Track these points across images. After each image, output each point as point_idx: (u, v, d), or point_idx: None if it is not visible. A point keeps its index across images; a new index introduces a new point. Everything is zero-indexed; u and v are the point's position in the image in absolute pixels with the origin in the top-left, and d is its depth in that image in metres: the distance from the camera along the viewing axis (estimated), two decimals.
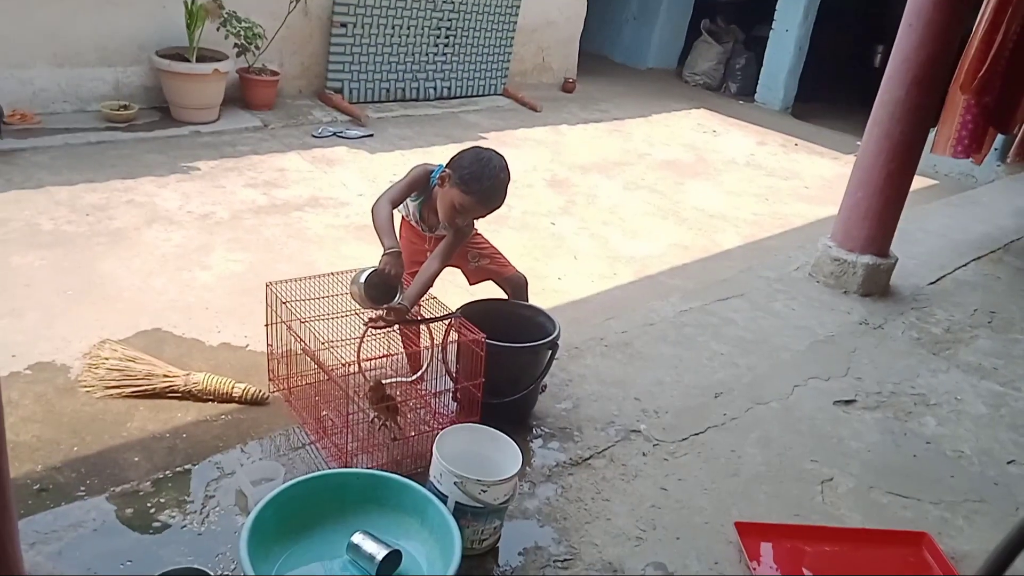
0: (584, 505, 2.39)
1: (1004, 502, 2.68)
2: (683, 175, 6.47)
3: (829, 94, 9.73)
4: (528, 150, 6.47)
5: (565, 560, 2.17)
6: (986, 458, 2.92)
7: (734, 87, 9.80)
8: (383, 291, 2.43)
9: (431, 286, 2.61)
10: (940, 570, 2.29)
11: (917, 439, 2.98)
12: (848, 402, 3.15)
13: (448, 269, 2.78)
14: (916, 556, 2.36)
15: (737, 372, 3.26)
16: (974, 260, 4.86)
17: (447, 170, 2.54)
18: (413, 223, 2.80)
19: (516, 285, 2.94)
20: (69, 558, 1.96)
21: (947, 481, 2.76)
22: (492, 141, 6.52)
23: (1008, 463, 2.91)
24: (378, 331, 2.52)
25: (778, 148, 7.75)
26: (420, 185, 2.66)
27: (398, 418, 2.47)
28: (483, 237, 2.92)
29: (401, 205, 2.73)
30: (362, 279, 2.40)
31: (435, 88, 7.33)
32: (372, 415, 2.43)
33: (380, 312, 2.45)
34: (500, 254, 2.94)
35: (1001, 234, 5.38)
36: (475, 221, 2.68)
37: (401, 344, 2.67)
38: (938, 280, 4.49)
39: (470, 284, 3.00)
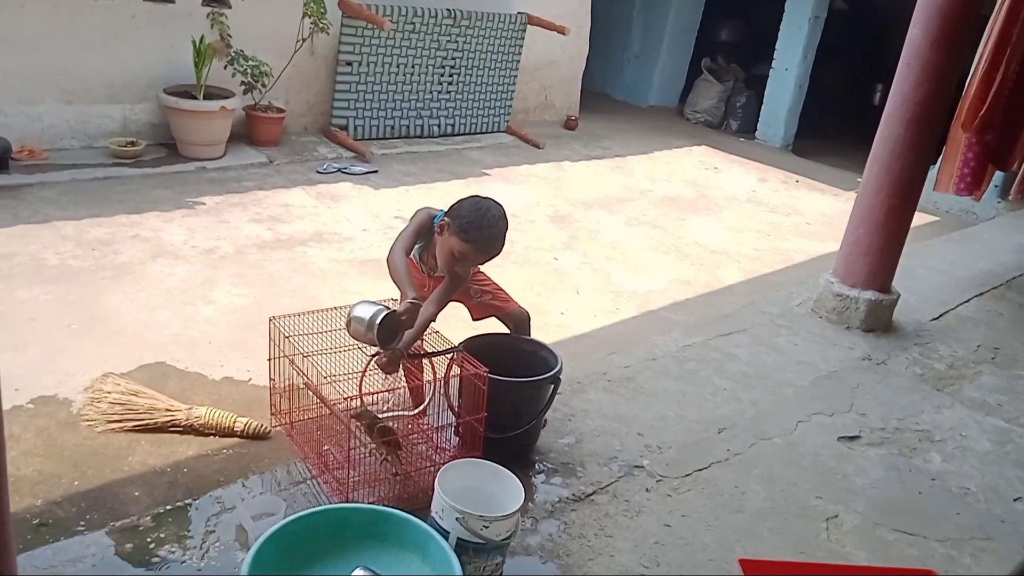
0: (587, 541, 2.37)
1: (1011, 540, 2.66)
2: (685, 211, 6.50)
3: (829, 131, 9.81)
4: (531, 186, 6.51)
5: None
6: (992, 495, 2.90)
7: (735, 124, 9.88)
8: (388, 332, 2.42)
9: (425, 330, 2.62)
10: None
11: (922, 476, 2.96)
12: (852, 438, 3.14)
13: (452, 304, 2.80)
14: None
15: (740, 407, 3.25)
16: (976, 296, 4.86)
17: (446, 218, 2.55)
18: (415, 262, 2.81)
19: (518, 320, 2.95)
20: None
21: (953, 518, 2.74)
22: (495, 177, 6.57)
23: (1015, 500, 2.88)
24: (388, 372, 2.54)
25: (779, 184, 7.79)
26: (425, 230, 2.66)
27: (399, 452, 2.46)
28: (484, 274, 2.93)
29: None
30: (377, 320, 2.37)
31: (439, 125, 7.40)
32: (371, 447, 2.42)
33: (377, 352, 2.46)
34: (502, 290, 2.95)
35: (1003, 270, 5.39)
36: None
37: (404, 378, 2.67)
38: (941, 316, 4.49)
39: (473, 320, 3.00)
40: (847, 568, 2.41)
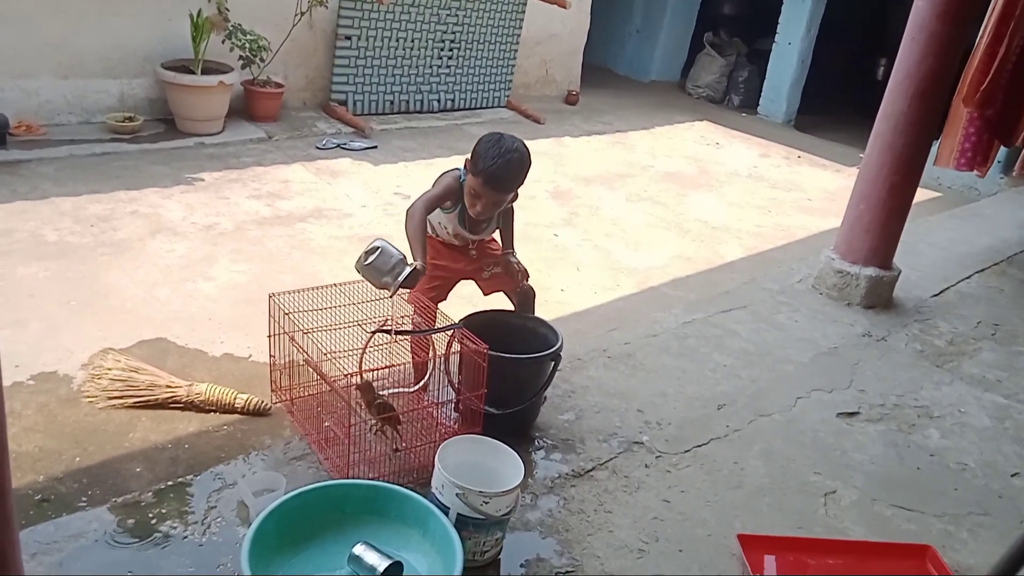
0: (586, 517, 2.38)
1: (1008, 515, 2.67)
2: (686, 187, 6.47)
3: (832, 107, 9.75)
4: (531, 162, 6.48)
5: (567, 572, 2.16)
6: (990, 471, 2.91)
7: (737, 100, 9.82)
8: (406, 284, 2.42)
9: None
10: None
11: (921, 451, 2.97)
12: (851, 414, 3.14)
13: (463, 283, 2.85)
14: (920, 569, 2.34)
15: (740, 384, 3.25)
16: (977, 272, 4.86)
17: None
18: (452, 236, 2.78)
19: (525, 296, 2.95)
20: (70, 569, 1.95)
21: (951, 494, 2.75)
22: None
23: (1012, 476, 2.90)
24: (392, 337, 2.52)
25: (781, 160, 7.76)
26: (454, 192, 2.65)
27: (399, 428, 2.46)
28: (499, 244, 2.93)
29: (437, 224, 2.73)
30: (402, 275, 2.37)
31: (439, 100, 7.36)
32: (372, 424, 2.43)
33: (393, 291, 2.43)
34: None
35: (1004, 246, 5.38)
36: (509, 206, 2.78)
37: (410, 353, 2.67)
38: (941, 292, 4.49)
39: (484, 295, 3.00)
40: (845, 543, 2.42)
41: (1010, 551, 0.82)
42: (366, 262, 2.39)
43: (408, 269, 2.39)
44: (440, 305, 2.70)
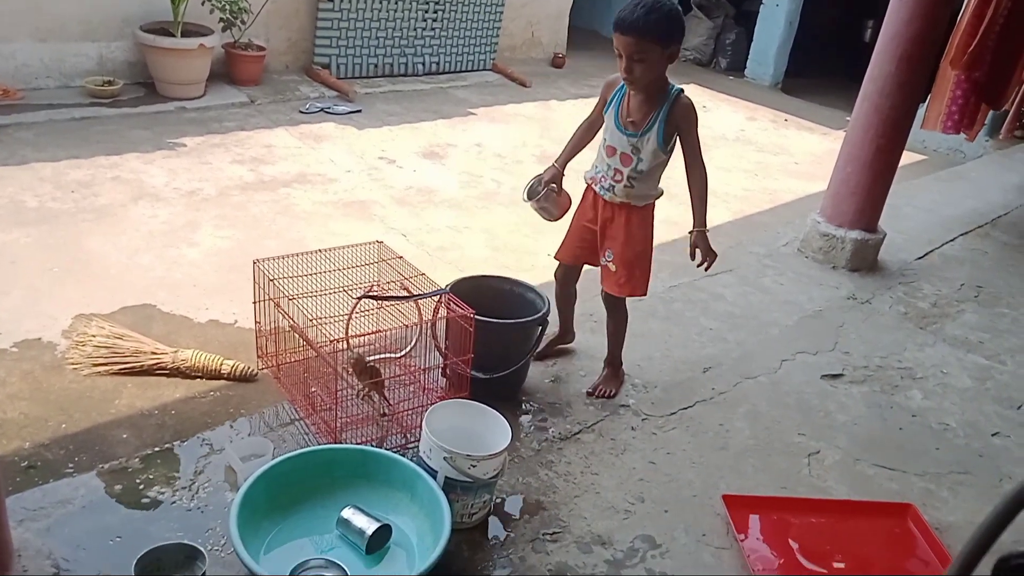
0: (573, 479, 2.40)
1: (988, 474, 2.71)
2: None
3: (819, 69, 9.69)
4: (517, 126, 6.43)
5: (554, 533, 2.18)
6: (971, 430, 2.95)
7: (724, 62, 9.75)
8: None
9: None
10: (925, 541, 2.32)
11: (903, 412, 3.01)
12: (835, 376, 3.17)
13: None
14: (901, 527, 2.39)
15: (726, 347, 3.27)
16: (961, 235, 4.88)
17: None
18: (608, 144, 2.71)
19: (613, 307, 2.84)
20: (58, 534, 1.96)
21: (932, 453, 2.79)
22: (481, 117, 6.48)
23: (993, 435, 2.94)
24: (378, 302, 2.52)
25: (768, 123, 7.73)
26: (607, 90, 2.72)
27: (384, 393, 2.47)
28: (618, 237, 2.70)
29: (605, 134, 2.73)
30: (534, 197, 2.78)
31: (423, 63, 7.26)
32: (359, 389, 2.43)
33: None
34: (630, 267, 2.72)
35: (989, 209, 5.40)
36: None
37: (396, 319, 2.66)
38: (926, 255, 4.51)
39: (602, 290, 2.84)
40: (828, 502, 2.46)
41: (994, 512, 0.83)
42: (524, 198, 2.77)
43: (531, 183, 2.78)
44: (427, 271, 2.69)
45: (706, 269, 2.67)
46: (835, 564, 2.22)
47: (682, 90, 2.59)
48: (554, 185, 2.77)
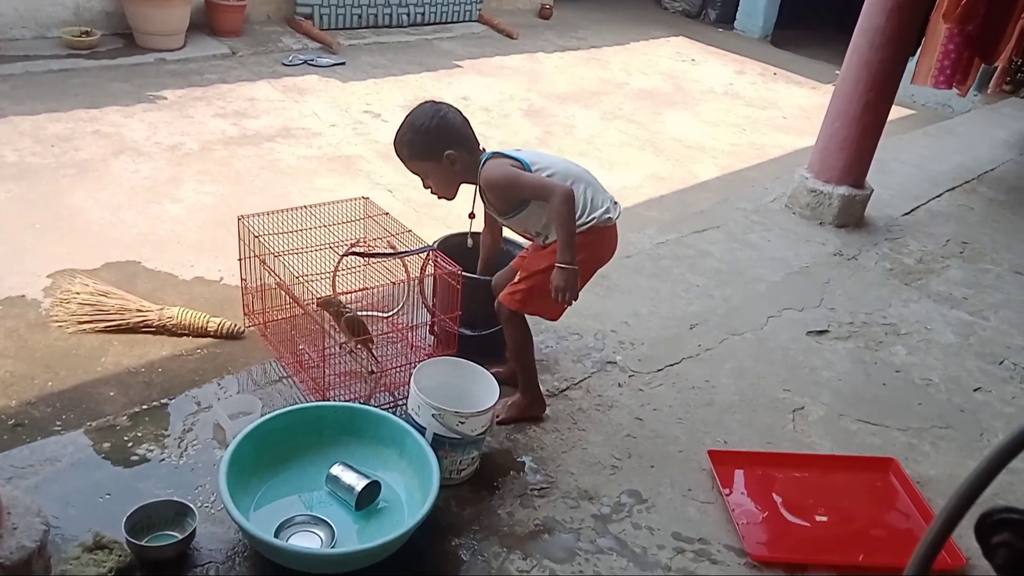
0: (560, 435, 2.42)
1: (969, 428, 2.76)
2: (661, 105, 6.40)
3: (809, 22, 9.60)
4: (504, 79, 6.35)
5: (542, 488, 2.21)
6: (953, 386, 2.99)
7: (713, 14, 9.63)
8: None
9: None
10: (906, 494, 2.36)
11: (887, 368, 3.04)
12: (821, 332, 3.19)
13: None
14: (883, 481, 2.43)
15: (712, 304, 3.28)
16: (948, 191, 4.89)
17: None
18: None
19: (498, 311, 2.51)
20: (47, 492, 1.96)
21: (915, 408, 2.83)
22: (467, 69, 6.39)
23: (975, 391, 2.98)
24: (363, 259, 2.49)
25: (757, 77, 7.67)
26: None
27: (371, 345, 2.46)
28: (527, 262, 2.42)
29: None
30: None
31: (408, 14, 7.13)
32: (342, 340, 2.41)
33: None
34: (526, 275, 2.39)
35: (976, 164, 5.41)
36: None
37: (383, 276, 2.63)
38: (912, 211, 4.52)
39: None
40: (812, 457, 2.49)
41: (978, 467, 0.84)
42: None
43: None
44: (414, 227, 2.67)
45: (562, 303, 2.26)
46: (818, 517, 2.26)
47: (488, 159, 2.29)
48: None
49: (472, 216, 2.48)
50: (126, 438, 2.18)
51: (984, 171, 5.30)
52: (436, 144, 2.26)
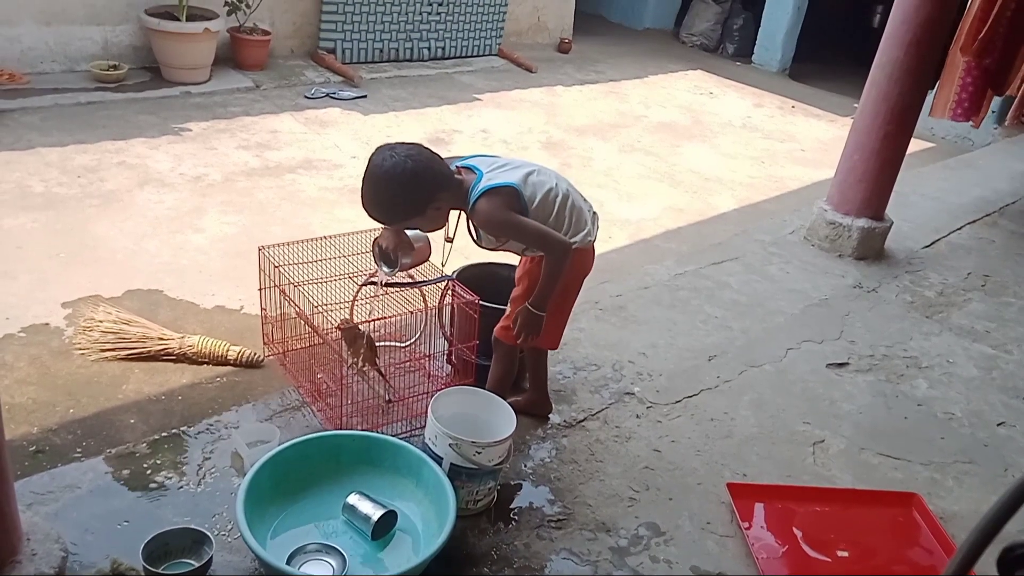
0: (578, 466, 2.41)
1: (993, 463, 2.71)
2: (679, 137, 6.42)
3: (827, 55, 9.63)
4: (523, 112, 6.41)
5: (559, 520, 2.19)
6: (976, 420, 2.95)
7: (731, 48, 9.68)
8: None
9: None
10: (929, 530, 2.32)
11: (908, 401, 3.00)
12: (841, 365, 3.17)
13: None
14: (906, 516, 2.39)
15: (731, 335, 3.27)
16: (969, 224, 4.86)
17: None
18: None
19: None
20: (66, 518, 1.97)
21: (937, 442, 2.79)
22: (487, 103, 6.45)
23: (998, 425, 2.94)
24: (376, 292, 2.50)
25: (775, 110, 7.69)
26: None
27: (377, 360, 2.45)
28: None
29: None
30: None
31: (429, 48, 7.23)
32: (350, 360, 2.41)
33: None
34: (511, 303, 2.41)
35: (996, 197, 5.38)
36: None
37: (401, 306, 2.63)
38: (932, 244, 4.50)
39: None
40: (832, 491, 2.46)
41: (999, 501, 0.83)
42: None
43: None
44: (435, 259, 2.69)
45: (520, 343, 2.26)
46: (839, 553, 2.23)
47: (482, 195, 2.13)
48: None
49: (450, 240, 2.35)
50: (145, 465, 2.20)
51: (1005, 204, 5.27)
52: (420, 198, 2.07)
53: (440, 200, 2.12)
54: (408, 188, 2.04)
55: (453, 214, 2.28)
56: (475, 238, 2.32)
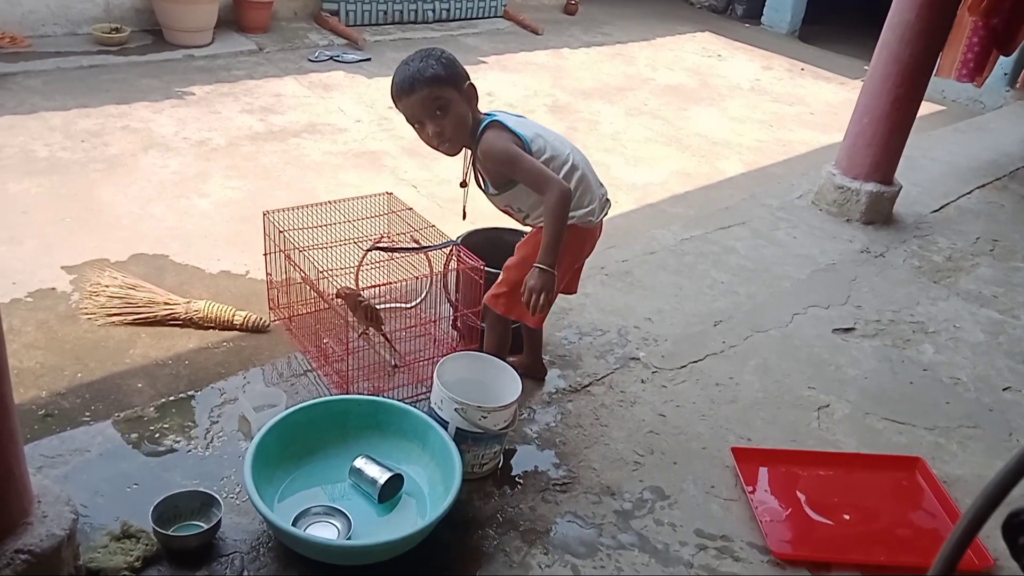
0: (583, 431, 2.42)
1: (998, 428, 2.72)
2: (686, 101, 6.36)
3: (837, 17, 9.49)
4: (529, 75, 6.34)
5: (564, 484, 2.21)
6: (982, 385, 2.95)
7: (740, 9, 9.55)
8: None
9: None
10: (933, 494, 2.33)
11: (914, 366, 3.00)
12: (847, 330, 3.16)
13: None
14: (909, 480, 2.40)
15: (737, 300, 3.26)
16: (978, 188, 4.82)
17: None
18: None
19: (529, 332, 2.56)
20: (76, 481, 1.99)
21: (942, 407, 2.79)
22: (492, 65, 6.39)
23: (1004, 390, 2.93)
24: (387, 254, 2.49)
25: (784, 73, 7.60)
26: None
27: (382, 327, 2.45)
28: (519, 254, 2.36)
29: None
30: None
31: (433, 10, 7.14)
32: (360, 330, 2.41)
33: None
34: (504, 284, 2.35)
35: (1007, 161, 5.32)
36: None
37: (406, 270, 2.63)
38: (941, 208, 4.46)
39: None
40: (837, 455, 2.47)
41: (1006, 466, 0.83)
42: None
43: None
44: (437, 223, 2.68)
45: (531, 311, 2.14)
46: (843, 516, 2.24)
47: (488, 125, 2.18)
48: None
49: (464, 185, 2.33)
50: (153, 429, 2.21)
51: (1015, 168, 5.22)
52: (458, 70, 2.14)
53: (470, 89, 2.17)
54: (451, 59, 2.16)
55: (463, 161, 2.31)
56: (482, 185, 2.33)
